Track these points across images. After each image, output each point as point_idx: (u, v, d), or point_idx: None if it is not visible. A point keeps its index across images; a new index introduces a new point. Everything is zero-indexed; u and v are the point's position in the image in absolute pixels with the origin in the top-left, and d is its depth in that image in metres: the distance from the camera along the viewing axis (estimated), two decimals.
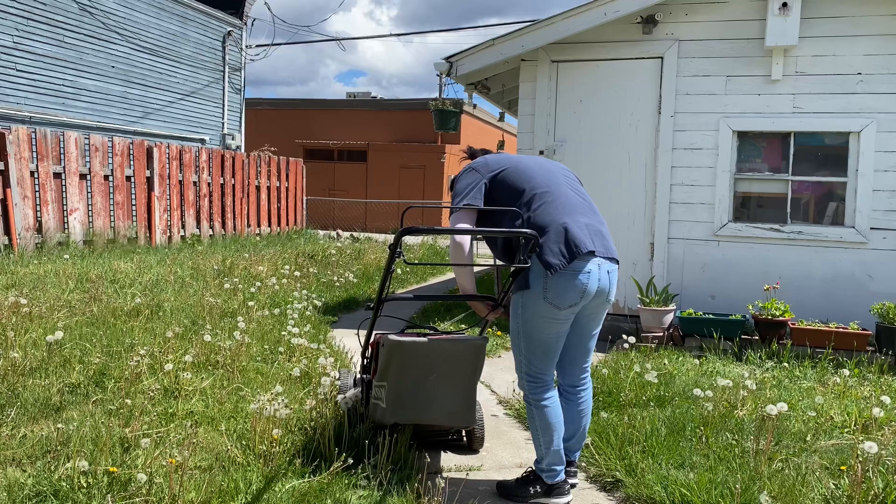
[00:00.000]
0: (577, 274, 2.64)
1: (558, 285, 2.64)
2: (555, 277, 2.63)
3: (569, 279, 2.64)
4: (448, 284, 9.34)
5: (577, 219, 2.73)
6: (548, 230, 2.67)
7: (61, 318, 5.04)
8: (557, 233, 2.66)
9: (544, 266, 2.63)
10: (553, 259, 2.62)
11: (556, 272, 2.62)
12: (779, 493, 2.80)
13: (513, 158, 2.99)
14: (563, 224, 2.68)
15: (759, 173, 6.15)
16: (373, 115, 23.31)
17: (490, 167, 2.95)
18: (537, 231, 2.66)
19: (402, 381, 2.98)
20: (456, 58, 6.79)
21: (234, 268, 7.95)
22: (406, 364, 2.96)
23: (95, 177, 9.47)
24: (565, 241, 2.65)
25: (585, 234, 2.69)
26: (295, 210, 14.14)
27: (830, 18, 5.82)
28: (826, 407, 3.94)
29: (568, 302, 2.67)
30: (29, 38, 10.63)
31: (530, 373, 2.83)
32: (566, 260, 2.62)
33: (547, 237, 2.66)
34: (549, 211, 2.73)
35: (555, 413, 2.83)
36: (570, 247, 2.64)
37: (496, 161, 2.98)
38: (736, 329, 5.54)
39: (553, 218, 2.70)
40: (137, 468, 2.75)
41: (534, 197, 2.78)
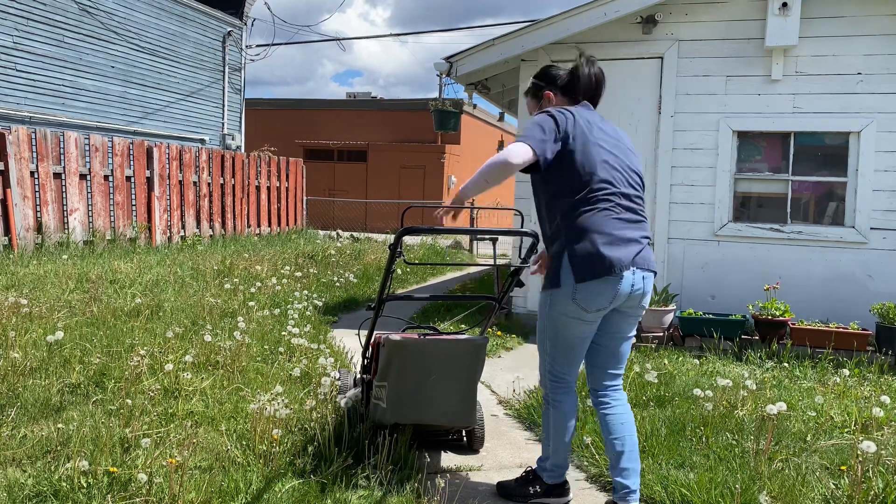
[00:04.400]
0: (608, 280, 2.55)
1: (589, 288, 2.56)
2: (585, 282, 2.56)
3: (600, 284, 2.55)
4: (448, 284, 9.34)
5: (622, 233, 2.58)
6: (586, 239, 2.55)
7: (61, 318, 5.04)
8: (594, 247, 2.54)
9: (574, 274, 2.55)
10: (585, 273, 2.54)
11: (585, 280, 2.55)
12: (779, 493, 2.81)
13: (591, 132, 2.68)
14: (604, 242, 2.55)
15: (759, 173, 6.15)
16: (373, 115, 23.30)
17: (569, 132, 2.65)
18: (578, 232, 2.57)
19: (402, 381, 2.98)
20: (456, 58, 6.79)
21: (234, 268, 7.95)
22: (406, 364, 2.96)
23: (95, 177, 9.47)
24: (600, 257, 2.53)
25: (624, 253, 2.56)
26: (295, 210, 14.14)
27: (830, 18, 5.82)
28: (826, 407, 3.94)
29: (596, 306, 2.59)
30: (29, 38, 10.62)
31: (553, 372, 2.78)
32: (596, 275, 2.53)
33: (584, 245, 2.55)
34: (597, 221, 2.57)
35: (571, 414, 2.79)
36: (605, 265, 2.53)
37: (576, 127, 2.67)
38: (736, 329, 5.54)
39: (598, 229, 2.56)
40: (137, 468, 2.75)
41: (588, 194, 2.60)
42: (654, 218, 6.32)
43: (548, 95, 2.91)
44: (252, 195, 12.62)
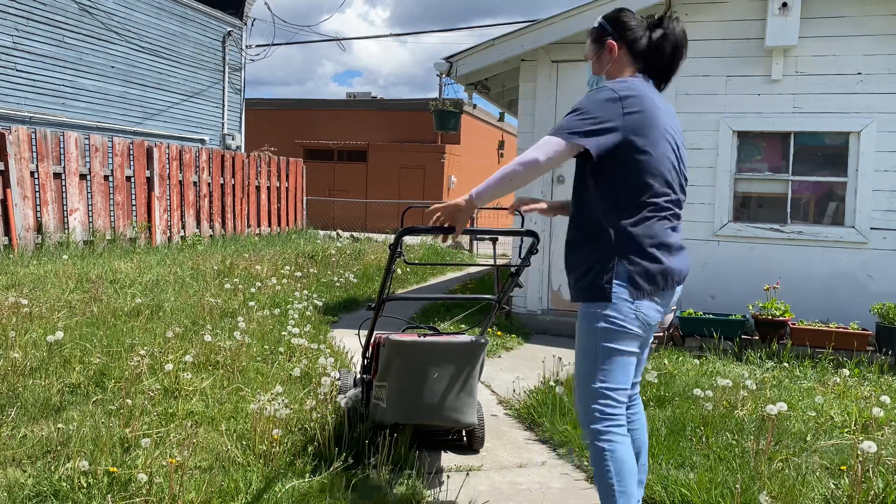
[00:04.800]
0: (667, 294, 2.33)
1: (650, 303, 2.28)
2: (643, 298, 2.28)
3: (660, 298, 2.31)
4: (448, 284, 9.34)
5: (676, 243, 2.33)
6: (647, 250, 2.25)
7: (61, 318, 5.04)
8: (658, 261, 2.25)
9: (634, 287, 2.24)
10: (646, 287, 2.25)
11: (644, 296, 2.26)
12: (779, 493, 2.81)
13: (659, 122, 2.27)
14: (666, 254, 2.27)
15: (759, 173, 6.15)
16: (373, 115, 23.30)
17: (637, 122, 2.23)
18: (636, 242, 2.25)
19: (403, 382, 2.98)
20: (456, 58, 6.79)
21: (234, 268, 7.95)
22: (407, 364, 2.96)
23: (95, 177, 9.47)
24: (664, 272, 2.27)
25: (679, 264, 2.33)
26: (295, 210, 14.14)
27: (830, 18, 5.82)
28: (826, 407, 3.94)
29: (656, 318, 2.34)
30: (29, 38, 10.62)
31: (607, 399, 2.27)
32: (655, 289, 2.27)
33: (646, 257, 2.24)
34: (657, 231, 2.27)
35: (629, 453, 2.28)
36: (668, 280, 2.29)
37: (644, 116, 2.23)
38: (736, 329, 5.54)
39: (658, 240, 2.27)
40: (137, 468, 2.75)
41: (649, 198, 2.26)
42: None
43: (610, 46, 2.39)
44: (252, 195, 12.62)
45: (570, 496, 3.04)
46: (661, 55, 2.36)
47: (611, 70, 2.41)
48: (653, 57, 2.37)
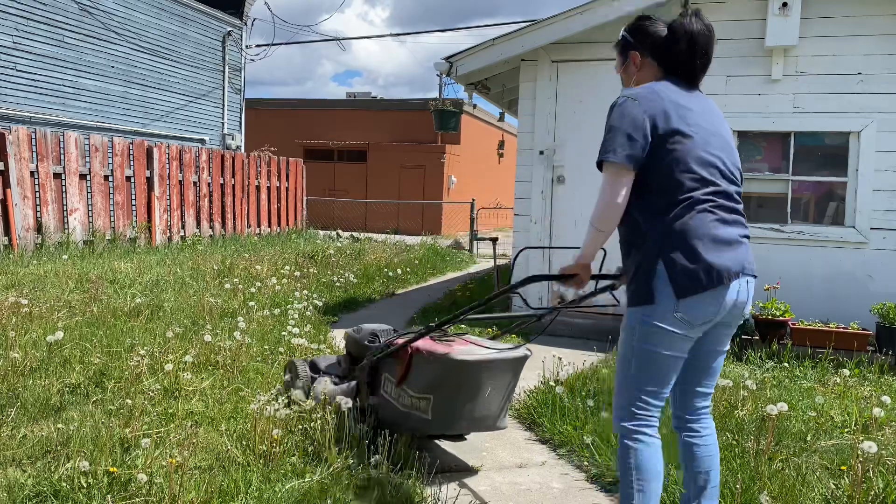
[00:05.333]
0: (716, 291, 2.20)
1: (694, 302, 2.19)
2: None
3: (706, 296, 2.20)
4: (448, 285, 9.34)
5: (725, 235, 2.25)
6: (686, 246, 2.19)
7: (61, 318, 5.04)
8: (698, 256, 2.18)
9: (675, 288, 2.18)
10: (688, 287, 2.18)
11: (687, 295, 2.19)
12: (779, 493, 2.81)
13: (683, 120, 2.25)
14: (708, 248, 2.20)
15: (759, 173, 6.15)
16: (373, 115, 23.29)
17: (663, 122, 2.23)
18: (674, 239, 2.20)
19: (457, 396, 2.96)
20: (456, 58, 6.79)
21: (234, 268, 7.95)
22: (465, 381, 2.93)
23: (95, 177, 9.47)
24: (707, 268, 2.18)
25: (731, 258, 2.23)
26: (295, 210, 14.14)
27: (830, 18, 5.82)
28: (826, 407, 3.94)
29: (703, 318, 2.23)
30: (29, 38, 10.62)
31: (639, 401, 2.27)
32: (703, 287, 2.18)
33: (685, 254, 2.19)
34: (696, 225, 2.21)
35: (656, 456, 2.27)
36: (713, 276, 2.18)
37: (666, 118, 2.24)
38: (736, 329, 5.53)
39: (698, 234, 2.20)
40: (137, 468, 2.75)
41: (682, 193, 2.23)
42: None
43: (633, 57, 2.44)
44: (252, 195, 12.61)
45: (570, 496, 3.04)
46: (675, 52, 2.32)
47: (638, 79, 2.42)
48: (669, 57, 2.34)
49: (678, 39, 2.31)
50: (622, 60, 2.48)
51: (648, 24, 2.41)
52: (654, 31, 2.38)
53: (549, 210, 6.66)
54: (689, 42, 2.30)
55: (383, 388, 3.32)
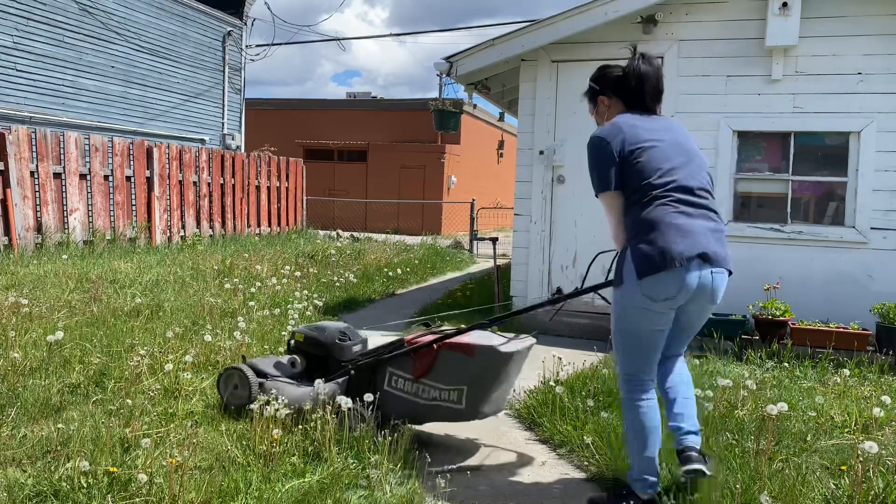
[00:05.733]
0: (671, 273, 2.56)
1: (652, 281, 2.58)
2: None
3: (663, 277, 2.56)
4: (448, 285, 9.34)
5: (685, 226, 2.60)
6: (647, 235, 2.60)
7: (61, 318, 5.04)
8: (654, 242, 2.58)
9: (637, 270, 2.59)
10: (646, 269, 2.58)
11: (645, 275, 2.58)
12: (779, 493, 2.80)
13: (641, 139, 2.71)
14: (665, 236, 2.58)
15: (759, 173, 6.15)
16: (373, 115, 23.29)
17: (624, 145, 2.70)
18: (639, 229, 2.63)
19: (489, 385, 3.23)
20: (456, 58, 6.79)
21: (234, 268, 7.95)
22: (500, 370, 3.21)
23: (95, 177, 9.47)
24: (661, 252, 2.56)
25: (687, 245, 2.57)
26: (295, 210, 14.14)
27: (830, 18, 5.81)
28: (826, 407, 3.94)
29: (665, 295, 2.59)
30: (29, 38, 10.63)
31: (628, 371, 2.77)
32: (657, 269, 2.56)
33: (645, 240, 2.59)
34: (656, 217, 2.62)
35: (650, 416, 2.72)
36: (667, 259, 2.55)
37: (625, 143, 2.70)
38: (736, 329, 5.54)
39: (657, 225, 2.60)
40: (137, 468, 2.75)
41: (646, 193, 2.65)
42: None
43: (601, 101, 2.95)
44: (252, 195, 12.62)
45: (571, 496, 3.04)
46: (628, 90, 2.86)
47: (608, 117, 2.91)
48: (625, 94, 2.87)
49: (630, 80, 2.85)
50: (593, 106, 2.99)
51: (609, 71, 2.94)
52: (614, 75, 2.91)
53: (549, 210, 6.66)
54: (638, 80, 2.83)
55: (388, 383, 3.36)
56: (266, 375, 3.62)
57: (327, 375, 3.59)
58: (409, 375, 3.31)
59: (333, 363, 3.63)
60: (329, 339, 3.64)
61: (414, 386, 3.29)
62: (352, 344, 3.68)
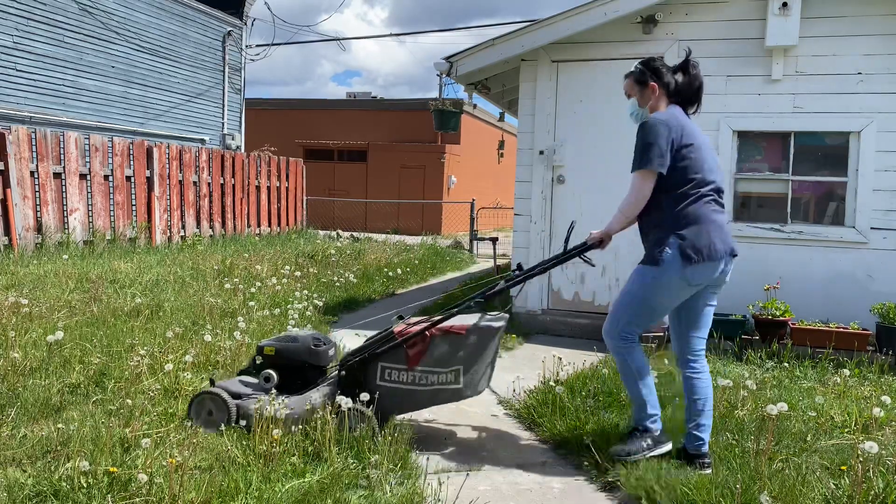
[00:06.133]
0: (713, 263, 3.08)
1: (697, 269, 3.06)
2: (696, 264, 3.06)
3: (707, 266, 3.07)
4: (448, 285, 9.34)
5: (722, 223, 3.15)
6: (697, 227, 3.08)
7: (61, 318, 5.04)
8: (706, 236, 3.07)
9: (685, 256, 3.05)
10: (695, 257, 3.05)
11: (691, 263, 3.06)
12: (779, 493, 2.80)
13: (693, 138, 3.15)
14: (712, 231, 3.09)
15: (759, 173, 6.15)
16: (373, 115, 23.29)
17: (677, 142, 3.11)
18: (688, 221, 3.07)
19: (482, 360, 3.42)
20: (456, 58, 6.79)
21: (234, 268, 7.95)
22: (486, 344, 3.39)
23: (95, 177, 9.47)
24: (710, 245, 3.07)
25: (726, 240, 3.13)
26: (295, 210, 14.14)
27: (830, 18, 5.81)
28: (826, 407, 3.94)
29: (702, 281, 3.10)
30: (29, 38, 10.63)
31: (626, 330, 3.19)
32: (703, 258, 3.05)
33: (695, 233, 3.07)
34: (705, 213, 3.11)
35: (641, 355, 3.23)
36: (714, 251, 3.07)
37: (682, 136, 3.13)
38: (736, 329, 5.54)
39: (706, 220, 3.10)
40: (137, 468, 2.75)
41: (693, 189, 3.11)
42: None
43: (653, 87, 3.30)
44: (252, 195, 12.62)
45: (571, 496, 3.04)
46: (689, 91, 3.33)
47: (652, 104, 3.30)
48: (683, 93, 3.31)
49: (694, 82, 3.34)
50: (641, 88, 3.32)
51: (660, 63, 3.35)
52: (665, 71, 3.33)
53: (549, 210, 6.66)
54: (700, 84, 3.37)
55: (381, 378, 3.39)
56: (240, 396, 3.45)
57: (306, 384, 3.54)
58: (404, 366, 3.37)
59: (311, 370, 3.58)
60: (304, 347, 3.56)
61: (410, 375, 3.36)
62: (327, 348, 3.64)
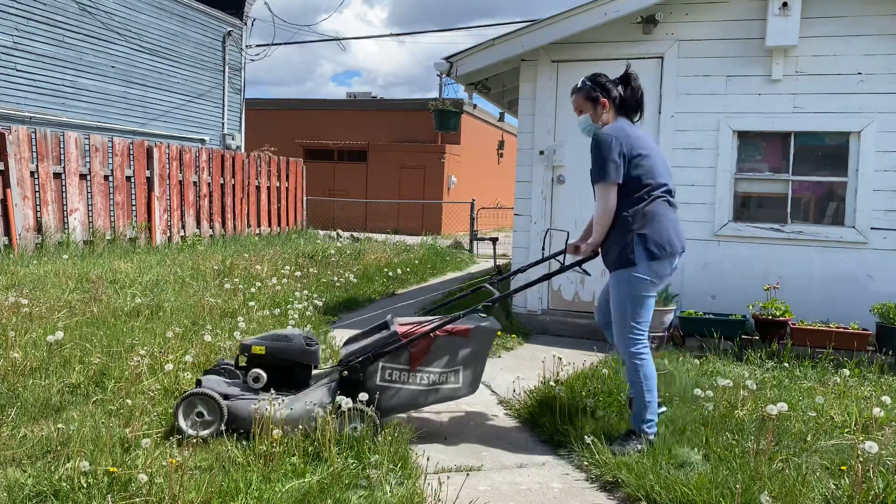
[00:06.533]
0: (673, 257, 3.42)
1: (660, 264, 3.38)
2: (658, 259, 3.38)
3: (665, 261, 3.39)
4: (447, 285, 9.34)
5: (676, 221, 3.47)
6: (655, 226, 3.37)
7: (61, 318, 5.04)
8: (665, 232, 3.38)
9: (647, 253, 3.34)
10: (656, 253, 3.35)
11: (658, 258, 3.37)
12: (779, 494, 2.80)
13: (641, 145, 3.41)
14: (669, 227, 3.41)
15: (759, 173, 6.15)
16: (373, 115, 23.27)
17: (631, 149, 3.39)
18: (647, 221, 3.36)
19: (482, 361, 3.58)
20: (456, 58, 6.79)
21: (234, 268, 7.95)
22: (487, 345, 3.59)
23: (95, 177, 9.47)
24: (669, 241, 3.38)
25: (680, 236, 3.46)
26: (295, 210, 14.14)
27: (830, 18, 5.81)
28: (826, 407, 3.94)
29: (664, 275, 3.42)
30: (29, 38, 10.63)
31: (636, 330, 3.42)
32: (665, 253, 3.37)
33: (654, 230, 3.36)
34: (661, 212, 3.40)
35: (652, 364, 3.45)
36: (674, 246, 3.40)
37: (632, 147, 3.39)
38: (736, 329, 5.54)
39: (662, 218, 3.40)
40: (138, 468, 2.75)
41: (649, 192, 3.40)
42: None
43: (604, 104, 3.53)
44: (252, 195, 12.62)
45: (571, 496, 3.04)
46: (633, 102, 3.56)
47: (603, 118, 3.54)
48: (627, 103, 3.56)
49: (637, 93, 3.55)
50: (592, 104, 3.53)
51: (606, 81, 3.55)
52: (611, 86, 3.54)
53: (549, 210, 6.66)
54: (641, 94, 3.57)
55: (382, 378, 3.42)
56: (228, 397, 3.33)
57: (297, 384, 3.49)
58: (406, 366, 3.44)
59: (302, 370, 3.54)
60: (298, 346, 3.50)
61: (411, 375, 3.44)
62: (318, 348, 3.61)
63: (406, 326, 3.57)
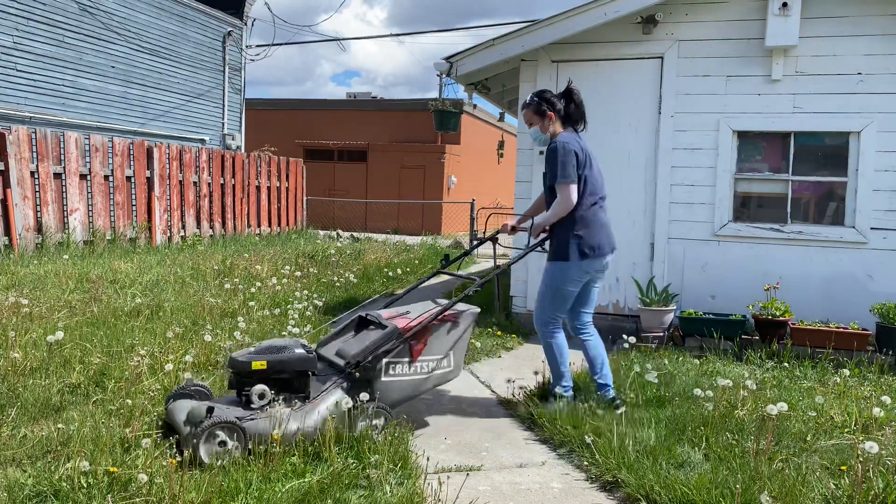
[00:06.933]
0: (602, 258, 3.94)
1: (590, 262, 3.90)
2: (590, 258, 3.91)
3: (596, 260, 3.91)
4: (447, 285, 9.33)
5: (608, 226, 3.99)
6: (590, 229, 3.89)
7: (61, 318, 5.04)
8: (597, 236, 3.91)
9: (581, 252, 3.87)
10: (589, 252, 3.88)
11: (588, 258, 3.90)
12: (779, 493, 2.80)
13: (588, 157, 3.93)
14: (601, 232, 3.93)
15: (759, 173, 6.15)
16: (373, 115, 23.27)
17: (584, 158, 3.91)
18: (585, 224, 3.88)
19: (466, 343, 3.86)
20: (456, 58, 6.79)
21: (234, 268, 7.95)
22: (471, 327, 3.88)
23: (95, 177, 9.47)
24: (599, 243, 3.91)
25: (610, 240, 3.99)
26: (295, 210, 14.14)
27: (830, 18, 5.82)
28: (826, 407, 3.94)
29: (594, 271, 3.94)
30: (29, 38, 10.62)
31: (553, 317, 3.97)
32: (595, 254, 3.89)
33: (589, 233, 3.88)
34: (597, 218, 3.94)
35: (563, 342, 4.00)
36: (603, 248, 3.93)
37: (583, 157, 3.90)
38: (736, 329, 5.54)
39: (597, 223, 3.94)
40: (138, 468, 2.75)
41: (590, 198, 3.91)
42: (654, 218, 6.32)
43: (550, 116, 3.99)
44: (252, 195, 12.62)
45: (570, 496, 3.04)
46: (577, 114, 4.04)
47: (551, 130, 4.01)
48: (572, 116, 4.03)
49: (580, 107, 4.02)
50: (540, 118, 3.99)
51: (551, 95, 4.00)
52: (556, 99, 4.00)
53: None
54: (582, 106, 4.03)
55: (386, 373, 3.51)
56: (242, 419, 3.09)
57: (305, 392, 3.37)
58: (408, 359, 3.58)
59: (302, 378, 3.39)
60: (299, 356, 3.36)
61: (413, 366, 3.60)
62: (315, 354, 3.54)
63: (399, 319, 3.67)
